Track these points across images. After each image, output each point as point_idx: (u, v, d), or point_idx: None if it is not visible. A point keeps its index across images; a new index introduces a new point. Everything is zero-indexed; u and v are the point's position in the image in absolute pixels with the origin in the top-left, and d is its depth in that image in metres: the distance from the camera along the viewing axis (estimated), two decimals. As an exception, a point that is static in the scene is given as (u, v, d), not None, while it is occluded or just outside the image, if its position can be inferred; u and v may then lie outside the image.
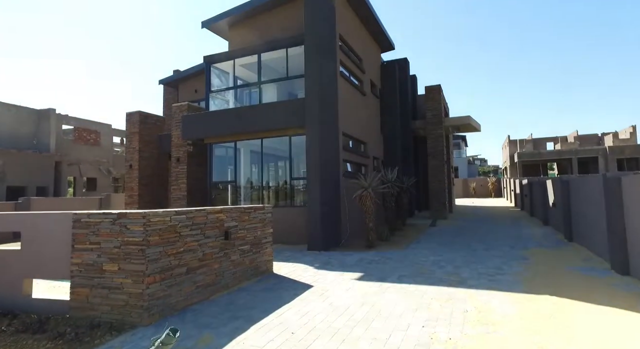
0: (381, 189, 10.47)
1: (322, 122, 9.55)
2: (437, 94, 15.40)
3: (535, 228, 11.82)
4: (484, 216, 16.96)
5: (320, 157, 9.30)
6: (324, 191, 9.35)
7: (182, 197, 12.88)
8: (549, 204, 11.48)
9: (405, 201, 13.85)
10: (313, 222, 9.20)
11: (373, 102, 14.74)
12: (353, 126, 12.05)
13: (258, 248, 6.40)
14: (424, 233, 11.75)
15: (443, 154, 15.21)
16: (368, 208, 9.70)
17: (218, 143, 11.76)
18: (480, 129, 17.59)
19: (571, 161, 41.08)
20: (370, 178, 9.82)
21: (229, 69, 12.14)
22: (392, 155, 15.51)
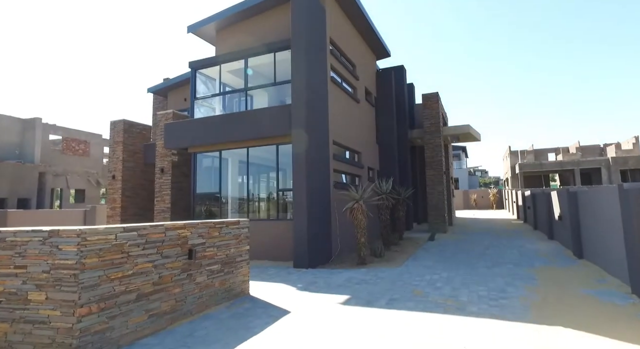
0: (374, 201, 9.77)
1: (310, 129, 8.94)
2: (434, 102, 14.85)
3: (540, 243, 11.07)
4: (485, 229, 16.21)
5: (307, 167, 8.65)
6: (311, 204, 8.67)
7: (165, 210, 12.20)
8: (555, 217, 10.75)
9: (402, 213, 13.14)
10: (298, 238, 8.49)
11: (368, 110, 14.17)
12: (345, 135, 11.44)
13: (231, 268, 5.69)
14: (422, 248, 11.00)
15: (441, 165, 14.56)
16: (359, 222, 8.99)
17: (202, 152, 11.14)
18: (480, 138, 16.98)
19: (573, 172, 40.39)
20: (361, 189, 9.14)
21: (216, 76, 11.61)
22: (388, 165, 14.87)
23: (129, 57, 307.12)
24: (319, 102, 9.56)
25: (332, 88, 10.61)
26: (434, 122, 14.81)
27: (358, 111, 12.87)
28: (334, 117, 10.52)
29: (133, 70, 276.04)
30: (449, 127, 15.90)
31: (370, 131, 14.24)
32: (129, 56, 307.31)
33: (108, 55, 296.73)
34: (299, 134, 8.74)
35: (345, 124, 11.53)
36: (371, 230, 12.24)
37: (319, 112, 9.49)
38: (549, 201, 11.46)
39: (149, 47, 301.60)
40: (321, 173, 9.43)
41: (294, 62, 9.00)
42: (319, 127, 9.48)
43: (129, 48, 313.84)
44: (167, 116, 12.58)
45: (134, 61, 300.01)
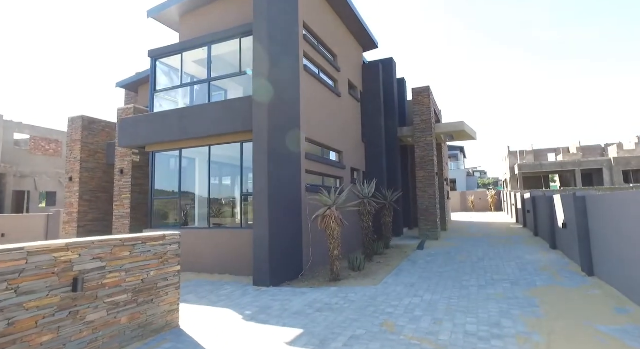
0: (350, 207, 8.53)
1: (275, 125, 7.71)
2: (425, 97, 13.63)
3: (542, 253, 9.83)
4: (481, 234, 14.96)
5: (270, 168, 7.41)
6: (275, 210, 7.43)
7: (125, 215, 10.97)
8: (558, 224, 9.52)
9: (389, 219, 11.90)
10: (258, 250, 7.25)
11: (352, 105, 12.95)
12: (323, 132, 10.21)
13: (149, 296, 4.45)
14: (408, 259, 9.76)
15: (433, 165, 13.33)
16: (332, 231, 7.75)
17: (161, 151, 9.91)
18: (476, 137, 15.76)
19: (574, 173, 39.19)
20: (334, 193, 7.91)
21: (179, 65, 10.38)
22: (375, 166, 13.64)
23: (103, 51, 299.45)
24: (288, 93, 8.33)
25: (306, 79, 9.39)
26: (424, 118, 13.59)
27: (339, 106, 11.64)
28: (308, 112, 9.30)
29: (110, 64, 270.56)
30: (441, 125, 14.66)
31: (354, 128, 13.01)
32: (102, 50, 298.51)
33: (82, 50, 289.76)
34: (260, 130, 7.51)
35: (323, 120, 10.30)
36: (353, 239, 11.00)
37: (287, 106, 8.26)
38: (551, 206, 10.23)
39: (124, 39, 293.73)
40: (290, 175, 8.21)
41: (256, 46, 7.78)
42: (288, 122, 8.26)
43: (100, 41, 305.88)
44: (128, 112, 11.36)
45: (109, 55, 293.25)
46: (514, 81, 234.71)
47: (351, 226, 10.69)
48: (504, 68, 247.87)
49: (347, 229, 10.66)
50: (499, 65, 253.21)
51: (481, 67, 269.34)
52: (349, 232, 10.79)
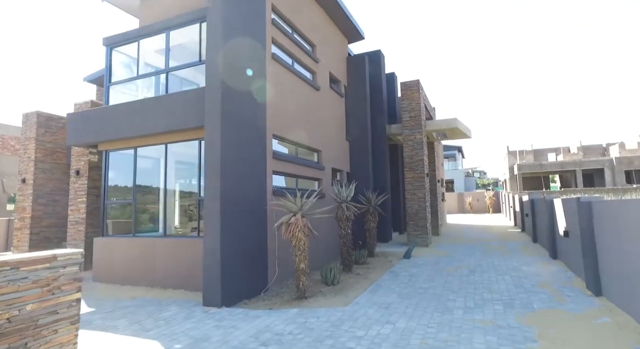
0: (322, 213, 7.47)
1: (232, 119, 6.67)
2: (414, 92, 12.58)
3: (541, 264, 8.78)
4: (476, 240, 13.91)
5: (223, 168, 6.36)
6: (230, 217, 6.39)
7: (80, 221, 9.94)
8: (559, 232, 8.47)
9: (373, 224, 10.84)
10: (209, 264, 6.20)
11: (334, 100, 11.90)
12: (297, 128, 9.16)
13: (21, 339, 3.39)
14: (390, 271, 8.71)
15: (423, 165, 12.27)
16: (298, 241, 6.71)
17: (115, 150, 8.86)
18: (471, 135, 14.71)
19: (575, 173, 38.13)
20: (299, 197, 6.86)
21: (140, 55, 9.33)
22: (360, 167, 12.59)
23: (73, 45, 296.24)
24: (251, 84, 7.29)
25: (275, 69, 8.35)
26: (414, 115, 12.53)
27: (318, 101, 10.60)
28: (277, 106, 8.26)
29: (83, 58, 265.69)
30: (433, 122, 13.61)
31: (337, 125, 11.96)
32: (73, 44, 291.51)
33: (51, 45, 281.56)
34: (213, 125, 6.46)
35: (297, 115, 9.26)
36: (332, 247, 9.95)
37: (249, 98, 7.22)
38: (551, 210, 9.17)
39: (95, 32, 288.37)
40: (252, 176, 7.16)
41: (209, 29, 6.74)
42: (251, 116, 7.22)
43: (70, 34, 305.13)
44: (85, 107, 10.31)
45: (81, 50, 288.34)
46: (515, 80, 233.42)
47: (330, 233, 9.64)
48: (504, 67, 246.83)
49: (325, 237, 9.63)
50: (499, 64, 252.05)
51: (481, 65, 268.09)
52: (327, 240, 9.76)
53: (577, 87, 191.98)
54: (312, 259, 9.05)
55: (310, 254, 8.99)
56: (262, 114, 7.65)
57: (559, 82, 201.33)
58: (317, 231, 9.36)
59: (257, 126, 7.41)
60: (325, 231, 9.65)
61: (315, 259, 9.30)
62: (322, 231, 9.68)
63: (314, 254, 9.17)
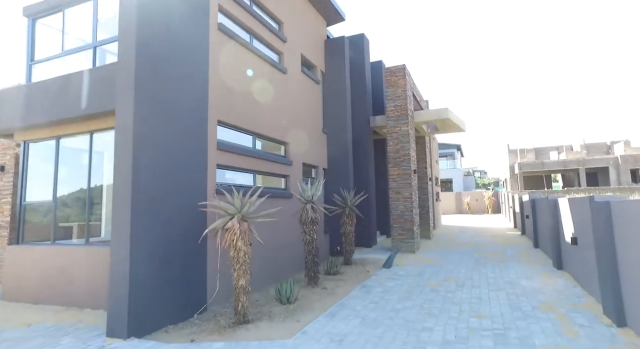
0: (267, 216, 6.02)
1: (153, 100, 5.27)
2: (400, 78, 11.17)
3: (544, 276, 7.36)
4: (471, 244, 12.49)
5: (138, 160, 4.96)
6: (147, 221, 4.99)
7: (3, 225, 8.54)
8: (565, 238, 7.05)
9: (350, 228, 9.43)
10: (115, 283, 4.81)
11: (307, 87, 10.49)
12: (253, 115, 7.76)
13: None
14: (363, 285, 7.29)
15: (409, 160, 10.85)
16: (237, 252, 5.31)
17: (35, 141, 7.47)
18: (465, 128, 13.30)
19: (578, 172, 36.65)
20: (238, 196, 5.44)
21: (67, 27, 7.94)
22: (339, 162, 11.18)
23: None
24: (185, 59, 5.89)
25: (223, 43, 6.97)
26: (399, 104, 11.12)
27: (285, 86, 9.19)
28: (225, 87, 6.87)
29: None
30: (421, 112, 12.17)
31: (311, 115, 10.55)
32: None
33: None
34: (124, 107, 5.05)
35: (255, 101, 7.86)
36: (300, 255, 8.50)
37: (182, 76, 5.81)
38: (555, 212, 7.74)
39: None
40: (185, 170, 5.76)
41: (123, -17, 5.33)
42: (185, 98, 5.81)
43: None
44: (16, 93, 8.89)
45: None
46: (516, 77, 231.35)
47: (298, 240, 8.21)
48: (505, 63, 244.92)
49: (292, 244, 8.23)
50: (500, 60, 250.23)
51: (481, 61, 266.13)
52: (294, 247, 8.35)
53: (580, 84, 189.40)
54: (273, 271, 7.68)
55: (270, 264, 7.63)
56: (203, 96, 6.25)
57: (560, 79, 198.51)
58: (281, 237, 8.00)
59: (193, 110, 6.01)
60: (292, 237, 8.26)
61: (278, 270, 7.91)
62: (288, 237, 8.28)
63: (275, 264, 7.79)
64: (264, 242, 6.02)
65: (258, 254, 7.17)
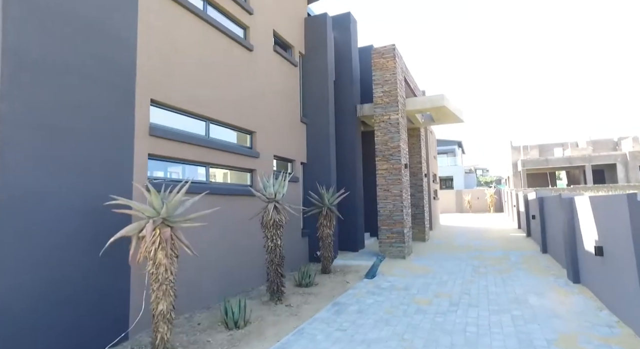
0: (196, 219, 4.70)
1: (38, 65, 3.96)
2: (390, 60, 9.84)
3: (558, 292, 6.04)
4: (471, 247, 11.18)
5: (4, 145, 3.66)
6: (17, 225, 3.69)
7: None
8: (584, 245, 5.72)
9: (328, 231, 8.13)
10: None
11: (280, 69, 9.16)
12: (209, 98, 6.45)
13: None
14: (335, 303, 5.98)
15: (400, 153, 9.52)
16: (157, 267, 4.01)
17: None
18: (464, 118, 11.94)
19: (584, 169, 35.19)
20: (156, 194, 4.13)
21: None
22: (320, 156, 9.85)
23: None
24: (93, 18, 4.57)
25: (166, 8, 5.64)
26: (388, 89, 9.78)
27: (251, 65, 7.86)
28: (165, 60, 5.56)
29: None
30: (414, 99, 10.81)
31: (286, 101, 9.23)
32: None
33: None
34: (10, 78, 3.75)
35: (209, 79, 6.54)
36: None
37: (90, 38, 4.50)
38: (571, 213, 6.40)
39: None
40: (98, 161, 4.45)
41: None
42: (94, 68, 4.50)
43: None
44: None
45: None
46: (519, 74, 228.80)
47: (262, 245, 6.89)
48: (508, 59, 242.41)
49: (258, 251, 6.90)
50: (502, 56, 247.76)
51: (483, 56, 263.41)
52: (258, 254, 7.04)
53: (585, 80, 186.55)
54: (230, 284, 6.38)
55: (226, 276, 6.31)
56: (128, 68, 4.94)
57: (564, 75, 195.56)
58: (241, 243, 6.65)
59: (113, 84, 4.70)
60: (256, 243, 6.96)
61: (237, 283, 6.63)
62: (251, 243, 6.99)
63: (233, 276, 6.51)
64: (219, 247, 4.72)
65: (210, 264, 5.87)
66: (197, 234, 5.82)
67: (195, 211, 4.73)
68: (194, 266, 5.64)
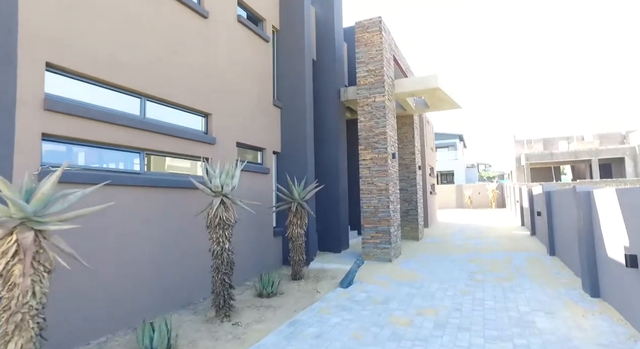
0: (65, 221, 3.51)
1: None
2: (375, 34, 8.59)
3: (572, 308, 4.85)
4: (468, 248, 9.99)
5: None
6: None
7: None
8: (605, 249, 4.52)
9: (299, 230, 6.94)
10: None
11: (246, 43, 7.91)
12: (143, 69, 5.24)
13: None
14: (292, 322, 4.79)
15: (387, 140, 8.30)
16: (10, 289, 2.82)
17: None
18: (460, 103, 10.67)
19: (590, 163, 33.80)
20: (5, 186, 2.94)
21: None
22: (296, 144, 8.64)
23: None
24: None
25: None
26: (373, 68, 8.54)
27: (209, 36, 6.63)
28: (75, 14, 4.35)
29: None
30: (403, 81, 9.53)
31: (256, 80, 8.00)
32: None
33: None
34: None
35: (149, 49, 5.33)
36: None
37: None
38: (588, 210, 5.18)
39: None
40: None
41: None
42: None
43: None
44: None
45: None
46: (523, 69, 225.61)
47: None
48: (511, 54, 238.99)
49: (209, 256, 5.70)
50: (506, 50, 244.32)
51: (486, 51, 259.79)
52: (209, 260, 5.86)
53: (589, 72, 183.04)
54: (170, 296, 5.16)
55: (165, 286, 5.12)
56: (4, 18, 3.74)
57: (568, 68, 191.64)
58: (194, 245, 5.42)
59: None
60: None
61: (177, 295, 5.45)
62: (201, 246, 5.81)
63: (172, 286, 5.32)
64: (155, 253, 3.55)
65: (142, 273, 4.68)
66: (121, 236, 4.65)
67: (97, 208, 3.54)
68: (114, 276, 4.48)
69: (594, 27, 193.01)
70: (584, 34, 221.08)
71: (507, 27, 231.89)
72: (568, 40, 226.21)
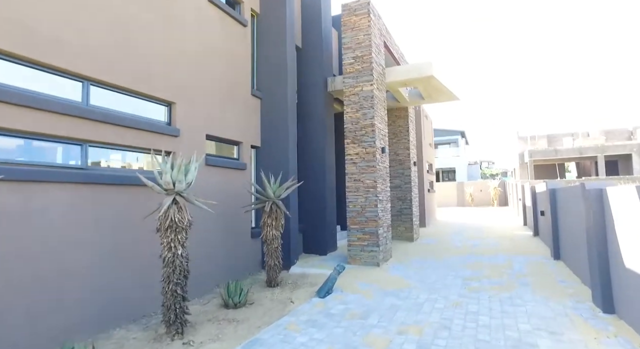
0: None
1: None
2: (363, 18, 7.85)
3: (582, 327, 4.13)
4: (466, 250, 9.28)
5: None
6: None
7: None
8: (622, 258, 3.79)
9: (275, 232, 6.24)
10: None
11: (219, 25, 7.19)
12: (84, 45, 4.54)
13: None
14: (252, 342, 4.10)
15: (375, 133, 7.57)
16: None
17: None
18: (459, 94, 9.91)
19: (596, 160, 32.85)
20: None
21: None
22: (277, 138, 7.93)
23: None
24: None
25: None
26: (360, 54, 7.80)
27: (169, 14, 5.93)
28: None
29: None
30: (394, 69, 8.77)
31: (230, 67, 7.28)
32: None
33: None
34: None
35: (89, 22, 4.63)
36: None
37: None
38: (601, 210, 4.45)
39: None
40: None
41: None
42: None
43: None
44: None
45: None
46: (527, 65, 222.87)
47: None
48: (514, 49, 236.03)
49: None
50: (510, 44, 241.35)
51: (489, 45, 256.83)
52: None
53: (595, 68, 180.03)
54: (114, 308, 4.43)
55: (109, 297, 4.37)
56: None
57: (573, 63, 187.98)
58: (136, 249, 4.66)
59: None
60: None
61: (123, 307, 4.77)
62: (155, 252, 5.12)
63: (118, 297, 4.62)
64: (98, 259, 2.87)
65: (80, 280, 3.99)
66: (51, 241, 3.96)
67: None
68: (38, 287, 3.80)
69: (600, 21, 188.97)
70: (589, 29, 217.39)
71: (511, 22, 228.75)
72: (573, 35, 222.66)
